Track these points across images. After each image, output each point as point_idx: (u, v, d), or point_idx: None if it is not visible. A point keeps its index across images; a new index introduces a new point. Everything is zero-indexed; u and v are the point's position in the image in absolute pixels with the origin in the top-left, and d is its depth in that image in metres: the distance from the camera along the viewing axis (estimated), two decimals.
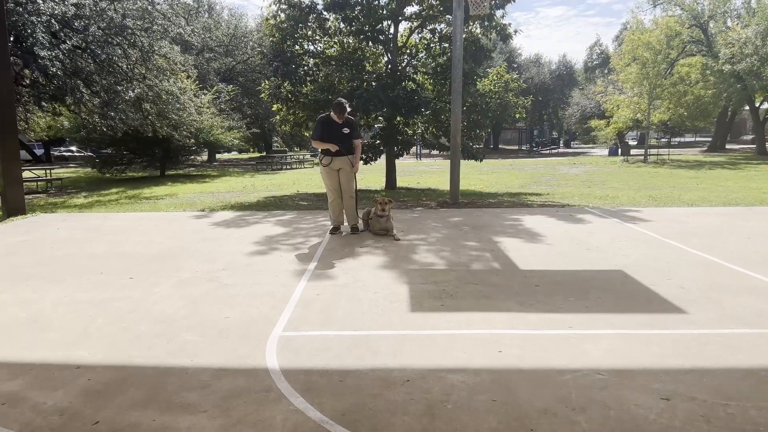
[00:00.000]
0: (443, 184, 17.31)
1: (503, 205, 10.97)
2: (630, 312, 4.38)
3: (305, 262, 6.11)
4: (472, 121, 15.08)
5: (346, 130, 7.56)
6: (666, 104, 30.11)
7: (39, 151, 43.75)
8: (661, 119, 31.22)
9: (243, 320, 4.26)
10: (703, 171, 21.03)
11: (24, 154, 43.17)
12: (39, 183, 18.79)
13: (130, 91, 14.79)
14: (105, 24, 14.73)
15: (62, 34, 13.96)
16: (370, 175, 19.36)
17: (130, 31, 15.27)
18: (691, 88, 31.44)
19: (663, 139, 51.44)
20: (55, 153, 46.79)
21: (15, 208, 10.01)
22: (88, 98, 14.79)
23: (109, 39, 14.92)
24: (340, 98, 7.79)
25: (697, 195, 12.39)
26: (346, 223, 7.99)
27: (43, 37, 12.72)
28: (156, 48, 16.14)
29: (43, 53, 12.61)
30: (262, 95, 16.13)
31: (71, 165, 36.80)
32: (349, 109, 7.68)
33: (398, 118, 14.88)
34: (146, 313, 4.46)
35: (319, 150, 7.82)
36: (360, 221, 8.00)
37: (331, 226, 7.89)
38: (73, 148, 46.12)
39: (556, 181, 17.83)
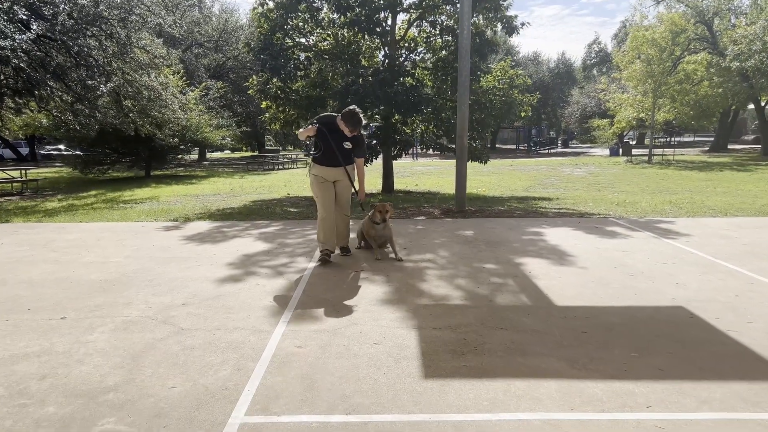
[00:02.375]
0: (443, 186, 16.17)
1: (515, 213, 9.80)
2: (721, 378, 3.22)
3: (287, 295, 4.92)
4: (475, 120, 13.92)
5: (348, 145, 5.97)
6: (671, 103, 29.03)
7: (24, 150, 42.43)
8: (666, 118, 30.15)
9: (193, 393, 3.08)
10: (714, 173, 19.95)
11: (9, 154, 42.02)
12: (14, 184, 17.55)
13: (102, 86, 13.46)
14: (77, 12, 13.44)
15: (27, 22, 12.68)
16: (366, 178, 18.15)
17: (105, 20, 13.99)
18: (696, 87, 30.36)
19: (661, 139, 50.63)
20: (42, 152, 45.40)
21: None
22: (58, 94, 13.46)
23: (82, 29, 13.62)
24: (355, 108, 5.87)
25: (721, 201, 11.27)
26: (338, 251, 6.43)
27: (4, 25, 11.45)
28: (134, 40, 14.85)
29: (2, 43, 11.31)
30: (250, 91, 14.92)
31: (57, 164, 35.26)
32: (365, 122, 6.04)
33: (396, 117, 13.74)
34: (63, 380, 3.27)
35: (306, 145, 6.17)
36: (357, 241, 6.91)
37: (319, 252, 6.10)
38: (62, 147, 44.58)
39: (561, 184, 16.73)
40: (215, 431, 2.69)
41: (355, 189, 6.37)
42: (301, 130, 5.95)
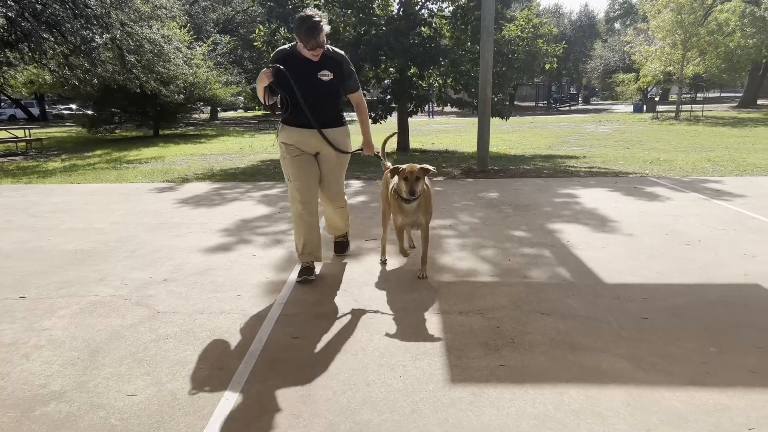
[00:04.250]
0: (461, 144, 15.31)
1: (543, 173, 8.97)
2: None
3: (285, 268, 4.23)
4: (496, 73, 12.92)
5: (326, 76, 3.68)
6: (700, 56, 27.47)
7: (36, 111, 41.87)
8: (696, 72, 28.64)
9: (156, 403, 2.41)
10: (748, 129, 18.77)
11: (20, 114, 41.55)
12: (18, 144, 17.00)
13: (97, 37, 12.61)
14: None
15: None
16: (380, 136, 17.31)
17: None
18: (728, 38, 28.70)
19: (686, 95, 48.80)
20: (53, 112, 44.86)
21: None
22: (52, 45, 12.65)
23: None
24: (307, 12, 3.52)
25: (765, 158, 10.32)
26: (329, 253, 4.49)
27: None
28: None
29: None
30: (256, 43, 14.01)
31: (68, 124, 34.66)
32: (327, 29, 3.55)
33: (412, 70, 12.82)
34: None
35: (271, 108, 3.82)
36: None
37: (299, 266, 4.06)
38: (73, 106, 43.87)
39: (586, 141, 15.78)
40: None
41: (347, 152, 4.02)
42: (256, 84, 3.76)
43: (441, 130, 21.68)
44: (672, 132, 18.38)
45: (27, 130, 17.71)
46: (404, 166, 3.73)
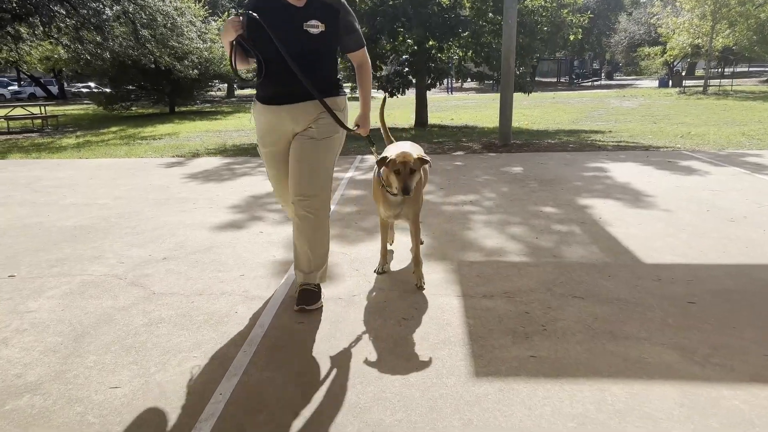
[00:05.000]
0: (481, 120, 14.84)
1: (568, 147, 8.55)
2: None
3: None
4: (519, 45, 12.39)
5: (314, 27, 2.66)
6: (730, 27, 26.40)
7: (55, 90, 41.96)
8: (725, 44, 27.60)
9: (141, 397, 2.13)
10: None
11: (40, 92, 41.68)
12: (35, 121, 16.93)
13: (107, 9, 12.31)
14: None
15: None
16: (397, 112, 16.91)
17: None
18: (759, 9, 27.56)
19: (713, 69, 47.43)
20: (72, 90, 44.95)
21: None
22: (62, 18, 12.36)
23: None
24: None
25: None
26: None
27: None
28: None
29: None
30: None
31: (85, 102, 34.67)
32: None
33: (431, 42, 12.35)
34: None
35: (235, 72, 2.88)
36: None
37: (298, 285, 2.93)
38: (92, 84, 43.87)
39: (611, 116, 15.20)
40: None
41: (347, 127, 2.87)
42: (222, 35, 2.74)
43: (460, 106, 21.15)
44: (700, 106, 17.70)
45: (43, 108, 17.63)
46: (395, 155, 2.79)
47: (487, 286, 3.12)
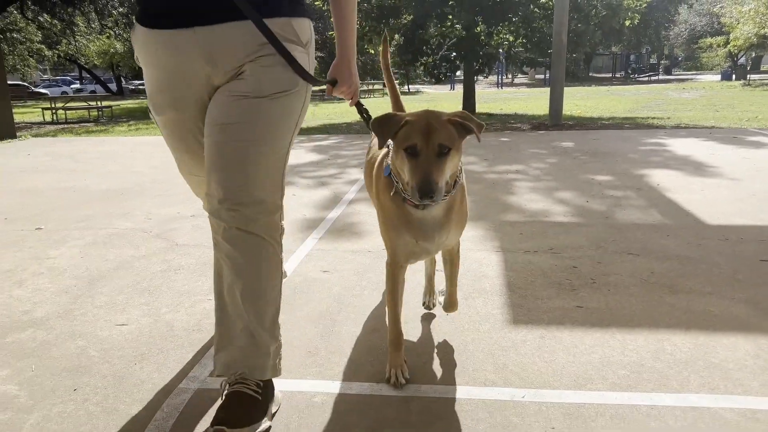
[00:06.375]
0: (530, 109, 14.39)
1: (624, 126, 8.10)
2: None
3: (326, 207, 3.75)
4: (572, 32, 11.90)
5: None
6: None
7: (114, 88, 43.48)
8: None
9: (147, 334, 1.97)
10: None
11: (100, 90, 43.26)
12: (91, 112, 17.72)
13: None
14: None
15: None
16: (444, 104, 16.60)
17: None
18: None
19: None
20: (130, 87, 46.47)
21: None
22: (114, 5, 12.56)
23: None
24: None
25: None
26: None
27: None
28: None
29: None
30: (317, 2, 13.52)
31: (141, 97, 35.85)
32: None
33: (479, 27, 12.00)
34: None
35: None
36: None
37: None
38: None
39: (669, 106, 14.48)
40: (152, 405, 1.57)
41: (312, 77, 1.54)
42: None
43: (510, 98, 20.66)
44: (766, 96, 16.72)
45: (99, 101, 18.36)
46: (409, 115, 1.45)
47: (530, 242, 2.85)
